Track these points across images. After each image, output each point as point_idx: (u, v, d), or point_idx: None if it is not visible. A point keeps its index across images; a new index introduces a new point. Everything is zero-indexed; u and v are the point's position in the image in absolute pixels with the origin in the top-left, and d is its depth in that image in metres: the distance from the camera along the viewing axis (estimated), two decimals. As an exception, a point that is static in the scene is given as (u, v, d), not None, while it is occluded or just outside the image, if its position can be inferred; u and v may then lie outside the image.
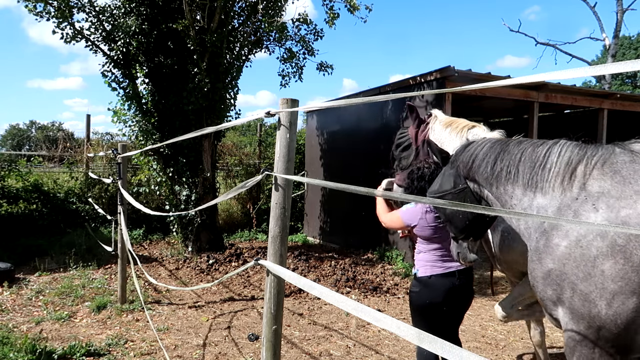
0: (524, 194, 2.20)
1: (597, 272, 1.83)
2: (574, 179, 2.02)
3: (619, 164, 1.94)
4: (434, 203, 1.72)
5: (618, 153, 1.99)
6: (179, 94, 7.55)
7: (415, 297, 2.96)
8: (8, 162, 9.77)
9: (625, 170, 1.91)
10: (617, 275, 1.79)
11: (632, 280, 1.77)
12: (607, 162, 1.97)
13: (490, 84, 1.52)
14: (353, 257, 8.19)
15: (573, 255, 1.90)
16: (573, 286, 1.89)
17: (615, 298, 1.80)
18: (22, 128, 63.31)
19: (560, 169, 2.08)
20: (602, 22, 19.00)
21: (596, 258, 1.83)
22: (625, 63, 1.15)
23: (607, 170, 1.94)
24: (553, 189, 2.08)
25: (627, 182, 1.88)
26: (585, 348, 1.91)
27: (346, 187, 1.86)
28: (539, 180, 2.14)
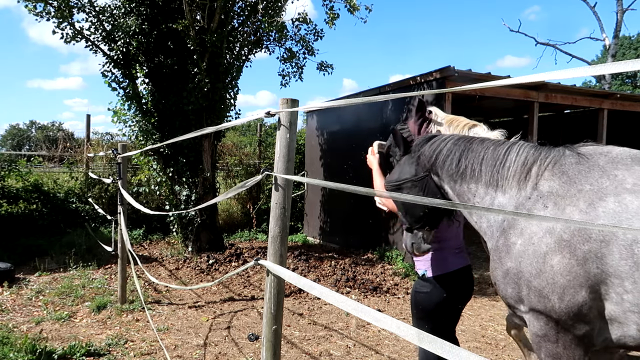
0: (486, 192, 2.29)
1: (547, 268, 1.91)
2: (529, 178, 2.13)
3: (566, 166, 2.07)
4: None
5: (567, 155, 2.11)
6: (179, 94, 7.55)
7: (425, 297, 2.89)
8: (8, 162, 9.77)
9: (571, 171, 2.04)
10: (565, 269, 1.88)
11: (579, 273, 1.85)
12: (557, 163, 2.09)
13: (490, 83, 1.52)
14: (353, 257, 8.19)
15: (527, 253, 1.98)
16: (528, 283, 1.98)
17: (566, 292, 1.88)
18: (22, 128, 63.35)
19: (517, 169, 2.18)
20: (602, 22, 19.02)
21: (546, 254, 1.92)
22: (625, 63, 1.15)
23: (556, 171, 2.07)
24: (511, 187, 2.18)
25: (572, 181, 2.00)
26: (548, 343, 1.98)
27: (346, 187, 1.86)
28: (499, 179, 2.24)
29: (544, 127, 11.90)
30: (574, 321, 1.90)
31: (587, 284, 1.85)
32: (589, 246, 1.85)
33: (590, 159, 2.04)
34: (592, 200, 1.88)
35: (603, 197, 1.87)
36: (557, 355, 1.98)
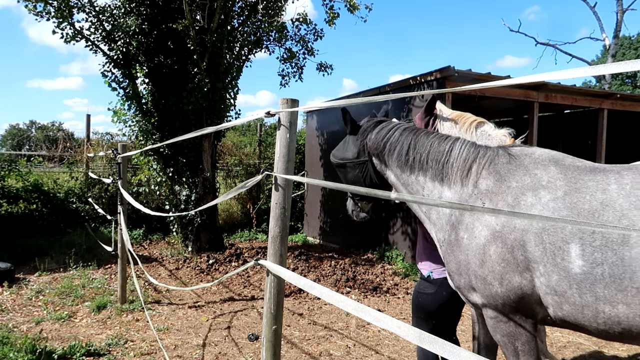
0: (434, 186, 2.50)
1: (487, 258, 2.15)
2: (470, 176, 2.36)
3: (499, 165, 2.30)
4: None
5: (500, 155, 2.34)
6: (179, 94, 7.55)
7: (429, 298, 2.87)
8: (8, 162, 9.76)
9: (503, 170, 2.28)
10: (499, 257, 2.11)
11: (510, 260, 2.09)
12: (492, 163, 2.32)
13: (490, 84, 1.52)
14: (353, 257, 8.19)
15: (471, 246, 2.22)
16: (475, 272, 2.20)
17: (504, 277, 2.11)
18: (22, 128, 63.36)
19: (460, 166, 2.40)
20: (602, 22, 19.02)
21: (485, 245, 2.16)
22: (625, 63, 1.15)
23: (491, 170, 2.30)
24: (455, 183, 2.40)
25: (503, 179, 2.25)
26: (501, 323, 2.21)
27: (346, 187, 1.86)
28: (444, 174, 2.45)
29: (544, 127, 11.90)
30: (517, 303, 2.12)
31: (517, 270, 2.08)
32: (514, 235, 2.08)
33: (517, 159, 2.29)
34: (517, 195, 2.15)
35: (524, 192, 2.14)
36: (511, 333, 2.19)
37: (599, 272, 1.87)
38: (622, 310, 1.85)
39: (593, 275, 1.88)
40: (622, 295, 1.83)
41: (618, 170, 2.03)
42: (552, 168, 2.18)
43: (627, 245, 1.83)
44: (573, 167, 2.16)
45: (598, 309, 1.90)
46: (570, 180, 2.09)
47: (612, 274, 1.84)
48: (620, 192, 1.92)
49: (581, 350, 4.46)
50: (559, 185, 2.09)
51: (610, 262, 1.85)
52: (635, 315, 1.82)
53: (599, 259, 1.87)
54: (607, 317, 1.89)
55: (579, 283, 1.92)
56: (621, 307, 1.84)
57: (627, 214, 1.85)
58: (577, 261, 1.92)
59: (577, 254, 1.92)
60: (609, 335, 1.98)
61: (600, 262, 1.87)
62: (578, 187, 2.04)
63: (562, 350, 4.47)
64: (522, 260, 2.06)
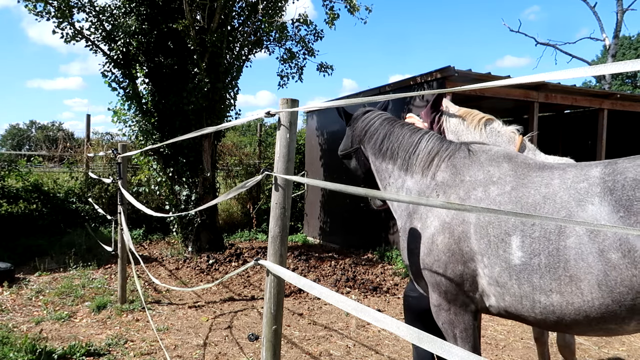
0: (399, 175, 2.64)
1: (434, 247, 2.26)
2: (431, 167, 2.48)
3: (457, 159, 2.41)
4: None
5: (461, 150, 2.45)
6: (179, 94, 7.55)
7: (415, 301, 2.85)
8: (8, 162, 9.76)
9: (459, 164, 2.39)
10: (446, 247, 2.21)
11: (456, 251, 2.19)
12: (452, 157, 2.43)
13: (490, 84, 1.52)
14: (353, 257, 8.19)
15: (422, 235, 2.34)
16: (423, 260, 2.31)
17: (448, 267, 2.21)
18: (22, 128, 63.34)
19: (423, 157, 2.53)
20: (602, 22, 19.02)
21: (433, 235, 2.27)
22: (625, 63, 1.15)
23: (449, 164, 2.42)
24: (417, 173, 2.53)
25: (458, 173, 2.36)
26: (443, 311, 2.32)
27: (346, 187, 1.86)
28: (409, 164, 2.58)
29: (544, 127, 11.90)
30: (458, 292, 2.22)
31: (462, 260, 2.17)
32: (462, 227, 2.18)
33: (475, 155, 2.40)
34: (468, 189, 2.25)
35: (475, 187, 2.25)
36: (451, 321, 2.30)
37: (536, 262, 1.95)
38: (556, 299, 1.92)
39: (531, 266, 1.96)
40: (556, 284, 1.90)
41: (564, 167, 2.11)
42: (505, 165, 2.28)
43: (563, 235, 1.90)
44: (524, 164, 2.24)
45: (535, 299, 1.97)
46: (519, 176, 2.18)
47: (548, 263, 1.92)
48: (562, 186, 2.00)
49: (581, 350, 4.46)
50: (509, 180, 2.18)
51: (546, 253, 1.93)
52: (568, 304, 1.89)
53: (536, 249, 1.95)
54: (543, 307, 1.96)
55: (518, 274, 2.00)
56: (555, 296, 1.92)
57: (566, 205, 1.93)
58: (517, 252, 2.00)
59: (517, 245, 2.00)
60: (546, 325, 2.04)
61: (538, 253, 1.95)
62: (524, 183, 2.13)
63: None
64: (467, 252, 2.16)
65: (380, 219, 8.20)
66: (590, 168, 2.02)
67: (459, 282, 2.21)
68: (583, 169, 2.04)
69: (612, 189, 1.87)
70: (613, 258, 1.79)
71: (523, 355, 4.40)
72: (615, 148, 10.50)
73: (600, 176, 1.94)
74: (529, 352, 4.43)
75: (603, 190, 1.89)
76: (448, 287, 2.24)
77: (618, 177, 1.89)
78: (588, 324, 1.92)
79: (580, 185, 1.96)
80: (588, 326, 1.93)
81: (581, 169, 2.05)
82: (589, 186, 1.94)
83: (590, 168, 2.02)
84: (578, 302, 1.88)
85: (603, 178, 1.93)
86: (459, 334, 2.29)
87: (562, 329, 2.04)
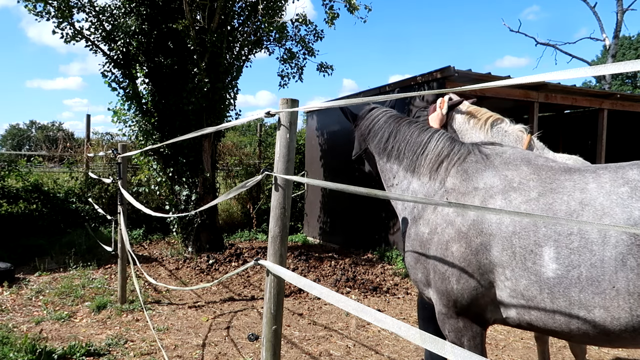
0: (404, 176, 2.54)
1: (449, 254, 2.15)
2: (439, 171, 2.37)
3: (468, 164, 2.30)
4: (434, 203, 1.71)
5: (471, 153, 2.33)
6: (179, 94, 7.55)
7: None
8: (8, 162, 9.76)
9: (471, 169, 2.27)
10: (462, 256, 2.11)
11: (472, 262, 2.08)
12: (463, 161, 2.32)
13: (490, 84, 1.52)
14: (353, 257, 8.18)
15: (433, 241, 2.23)
16: (434, 267, 2.22)
17: (462, 276, 2.11)
18: (22, 128, 63.34)
19: (432, 159, 2.42)
20: (602, 22, 19.01)
21: (448, 242, 2.16)
22: (625, 63, 1.15)
23: (460, 169, 2.30)
24: (425, 175, 2.43)
25: (470, 179, 2.24)
26: (451, 319, 2.23)
27: (346, 187, 1.86)
28: (417, 166, 2.47)
29: (544, 127, 11.89)
30: (469, 302, 2.13)
31: (478, 272, 2.07)
32: (481, 239, 2.06)
33: (488, 159, 2.27)
34: (484, 197, 2.13)
35: (493, 195, 2.11)
36: (458, 329, 2.22)
37: (575, 275, 1.81)
38: (599, 314, 1.79)
39: (568, 279, 1.82)
40: (600, 299, 1.77)
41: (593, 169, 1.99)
42: (524, 168, 2.13)
43: (607, 245, 1.76)
44: (547, 167, 2.10)
45: (572, 314, 1.85)
46: (545, 181, 2.03)
47: (590, 276, 1.78)
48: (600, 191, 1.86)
49: (581, 350, 4.45)
50: (533, 186, 2.04)
51: (588, 265, 1.79)
52: (614, 319, 1.77)
53: (575, 261, 1.81)
54: (582, 322, 1.83)
55: (551, 287, 1.87)
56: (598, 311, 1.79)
57: (608, 212, 1.79)
58: (551, 264, 1.86)
59: (550, 257, 1.87)
60: (581, 338, 1.93)
61: (577, 265, 1.81)
62: (553, 188, 1.98)
63: (562, 350, 4.47)
64: (486, 264, 2.05)
65: (380, 219, 8.20)
66: (625, 170, 1.89)
67: (471, 293, 2.11)
68: (617, 171, 1.91)
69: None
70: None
71: (523, 355, 4.40)
72: (615, 148, 10.50)
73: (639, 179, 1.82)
74: (529, 352, 4.43)
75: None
76: (459, 296, 2.14)
77: None
78: (633, 338, 1.79)
79: (621, 190, 1.82)
80: (633, 340, 1.80)
81: (615, 171, 1.91)
82: (632, 190, 1.81)
83: (626, 170, 1.89)
84: (625, 317, 1.75)
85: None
86: (467, 342, 2.21)
87: (600, 343, 1.90)
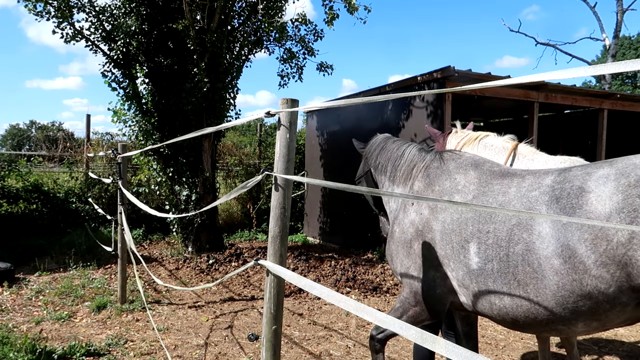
0: (389, 186, 2.86)
1: (412, 251, 2.49)
2: (410, 178, 2.68)
3: (431, 169, 2.58)
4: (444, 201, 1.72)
5: (435, 159, 2.60)
6: (179, 94, 7.54)
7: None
8: (8, 162, 9.76)
9: (432, 174, 2.55)
10: (420, 252, 2.44)
11: (427, 256, 2.40)
12: (428, 167, 2.60)
13: (490, 83, 1.52)
14: (353, 257, 8.18)
15: (401, 239, 2.56)
16: (402, 262, 2.56)
17: (421, 269, 2.44)
18: (22, 128, 63.29)
19: (405, 169, 2.74)
20: (602, 22, 19.01)
21: (411, 240, 2.50)
22: (625, 63, 1.15)
23: (425, 174, 2.59)
24: (400, 183, 2.75)
25: (430, 183, 2.53)
26: (411, 305, 2.55)
27: (346, 186, 1.86)
28: (395, 175, 2.80)
29: (544, 127, 11.89)
30: (428, 290, 2.43)
31: (433, 264, 2.38)
32: (431, 235, 2.39)
33: (445, 163, 2.54)
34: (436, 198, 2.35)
35: (442, 196, 2.42)
36: (417, 314, 2.53)
37: (489, 267, 2.09)
38: (508, 302, 2.05)
39: (485, 271, 2.11)
40: (507, 288, 2.03)
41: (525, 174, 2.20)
42: (472, 173, 2.40)
43: (512, 242, 2.02)
44: (489, 171, 2.34)
45: (491, 301, 2.12)
46: (482, 184, 2.30)
47: (499, 269, 2.05)
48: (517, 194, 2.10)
49: (581, 350, 4.46)
50: (472, 189, 2.32)
51: (498, 259, 2.06)
52: (518, 307, 2.01)
53: (490, 255, 2.09)
54: (498, 308, 2.10)
55: (476, 277, 2.15)
56: (507, 298, 2.04)
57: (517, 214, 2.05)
58: (474, 258, 2.15)
59: (474, 251, 2.15)
60: (506, 324, 2.15)
61: (491, 259, 2.08)
62: (485, 191, 2.25)
63: (561, 348, 4.47)
64: (436, 257, 2.37)
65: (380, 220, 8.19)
66: (545, 176, 2.09)
67: (430, 282, 2.40)
68: (540, 176, 2.11)
69: (559, 197, 1.94)
70: (555, 264, 1.88)
71: (523, 355, 4.40)
72: (616, 148, 10.50)
73: (551, 184, 2.02)
74: (529, 352, 4.43)
75: (551, 198, 1.97)
76: (419, 289, 2.45)
77: (566, 185, 1.96)
78: (538, 324, 2.01)
79: (532, 194, 2.05)
80: (539, 326, 2.03)
81: (538, 176, 2.12)
82: (540, 195, 2.02)
83: (546, 176, 2.09)
84: (526, 305, 1.99)
85: (552, 186, 2.00)
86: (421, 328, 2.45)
87: (519, 328, 2.13)
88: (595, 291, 1.82)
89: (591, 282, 1.81)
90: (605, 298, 1.82)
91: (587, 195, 1.86)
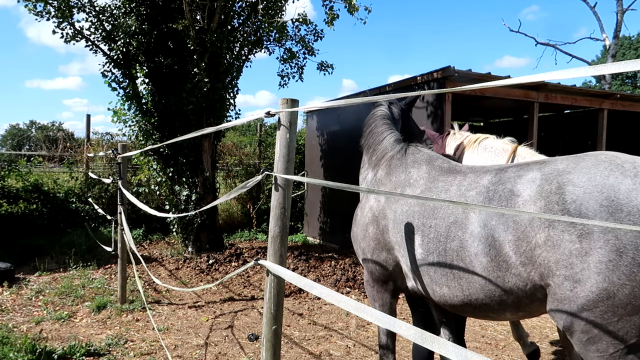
0: (367, 167, 2.99)
1: (367, 234, 2.66)
2: (379, 165, 2.82)
3: (394, 160, 2.72)
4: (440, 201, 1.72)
5: (400, 151, 2.74)
6: (179, 94, 7.54)
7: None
8: (8, 162, 9.76)
9: (393, 164, 2.71)
10: (374, 236, 2.61)
11: (380, 240, 2.58)
12: (392, 157, 2.74)
13: (490, 83, 1.52)
14: (353, 257, 8.18)
15: (360, 222, 2.75)
16: (359, 243, 2.75)
17: (374, 252, 2.62)
18: (22, 128, 63.28)
19: (378, 155, 2.86)
20: (602, 22, 19.01)
21: (367, 224, 2.67)
22: (625, 63, 1.15)
23: (387, 164, 2.74)
24: (373, 168, 2.89)
25: (389, 173, 2.69)
26: (368, 286, 2.78)
27: (346, 186, 1.86)
28: (371, 159, 2.93)
29: (544, 127, 11.90)
30: (380, 272, 2.64)
31: (385, 248, 2.56)
32: (384, 222, 2.54)
33: (406, 157, 2.68)
34: (393, 189, 2.60)
35: (396, 188, 2.58)
36: (372, 295, 2.75)
37: (430, 259, 2.26)
38: (446, 291, 2.22)
39: (427, 261, 2.27)
40: (445, 279, 2.21)
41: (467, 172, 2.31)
42: (424, 168, 2.53)
43: (449, 238, 2.17)
44: (439, 168, 2.47)
45: (433, 288, 2.29)
46: (430, 180, 2.43)
47: (438, 261, 2.22)
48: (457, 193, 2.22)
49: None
50: (421, 184, 2.46)
51: (437, 252, 2.22)
52: (454, 296, 2.19)
53: (431, 248, 2.25)
54: (439, 296, 2.27)
55: (421, 266, 2.32)
56: (444, 288, 2.22)
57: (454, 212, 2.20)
58: (419, 249, 2.32)
59: (418, 243, 2.32)
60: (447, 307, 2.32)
61: (432, 252, 2.25)
62: (430, 187, 2.39)
63: (555, 344, 4.47)
64: (388, 242, 2.53)
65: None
66: (483, 175, 2.18)
67: (382, 265, 2.59)
68: (479, 175, 2.20)
69: (491, 199, 2.04)
70: (483, 261, 2.03)
71: (523, 355, 4.39)
72: (616, 148, 10.48)
73: (487, 185, 2.11)
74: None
75: (484, 200, 2.08)
76: (374, 268, 2.65)
77: (498, 187, 2.05)
78: (472, 311, 2.20)
79: (469, 194, 2.15)
80: (474, 313, 2.22)
81: (477, 175, 2.22)
82: (476, 195, 2.12)
83: (484, 175, 2.18)
84: (460, 295, 2.17)
85: (488, 187, 2.11)
86: (378, 307, 2.71)
87: (458, 312, 2.32)
88: (515, 287, 1.97)
89: (511, 280, 1.96)
90: (524, 294, 1.97)
91: (516, 199, 1.97)
